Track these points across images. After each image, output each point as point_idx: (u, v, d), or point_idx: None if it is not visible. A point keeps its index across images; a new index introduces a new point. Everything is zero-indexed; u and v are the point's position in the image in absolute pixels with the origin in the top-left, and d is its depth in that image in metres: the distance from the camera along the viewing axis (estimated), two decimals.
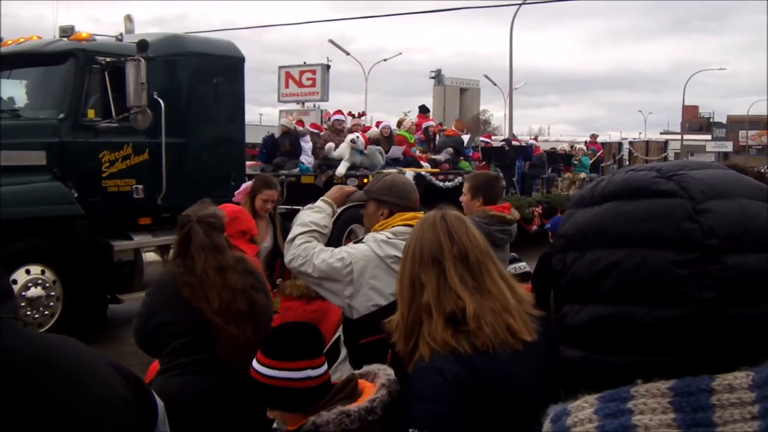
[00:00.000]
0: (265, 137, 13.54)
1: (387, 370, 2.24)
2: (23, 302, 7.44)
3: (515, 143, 19.41)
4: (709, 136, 77.67)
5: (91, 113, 8.48)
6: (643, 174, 0.92)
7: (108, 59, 8.48)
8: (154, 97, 8.63)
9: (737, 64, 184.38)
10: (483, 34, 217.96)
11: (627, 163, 25.96)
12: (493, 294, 2.14)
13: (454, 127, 16.73)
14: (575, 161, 20.36)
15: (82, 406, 1.21)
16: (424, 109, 16.80)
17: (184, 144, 9.27)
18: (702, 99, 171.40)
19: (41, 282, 7.76)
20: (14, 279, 7.39)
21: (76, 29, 8.90)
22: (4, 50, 8.77)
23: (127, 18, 10.30)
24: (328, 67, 17.93)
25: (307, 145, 12.99)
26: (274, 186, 5.89)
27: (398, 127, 14.44)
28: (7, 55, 8.59)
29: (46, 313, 7.81)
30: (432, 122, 16.18)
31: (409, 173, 10.62)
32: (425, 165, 13.39)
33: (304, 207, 3.46)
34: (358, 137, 11.95)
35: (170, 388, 2.97)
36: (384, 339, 2.37)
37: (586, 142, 24.41)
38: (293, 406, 2.27)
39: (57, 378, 1.20)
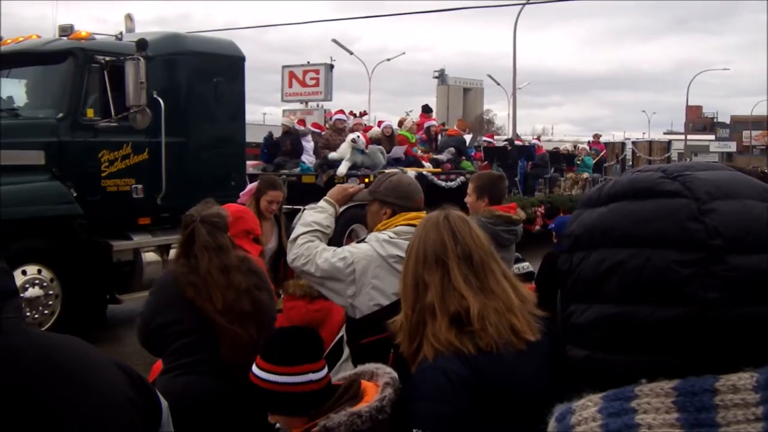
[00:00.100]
0: (265, 137, 13.55)
1: (385, 369, 2.22)
2: (22, 303, 7.39)
3: (518, 143, 19.39)
4: (712, 136, 77.58)
5: (90, 112, 8.45)
6: (649, 174, 0.92)
7: (107, 58, 8.44)
8: (154, 96, 8.59)
9: (741, 64, 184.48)
10: (486, 33, 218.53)
11: (630, 163, 25.93)
12: (497, 294, 2.14)
13: (456, 127, 16.71)
14: (578, 161, 20.31)
15: (86, 405, 1.21)
16: (427, 109, 16.76)
17: (184, 143, 9.24)
18: (706, 99, 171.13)
19: (39, 282, 7.72)
20: None
21: (76, 28, 8.87)
22: (3, 49, 8.73)
23: (128, 17, 10.28)
24: (332, 66, 17.98)
25: (309, 144, 12.99)
26: (279, 187, 5.93)
27: (399, 127, 14.42)
28: (7, 55, 8.55)
29: (45, 312, 7.79)
30: (434, 122, 16.15)
31: (411, 173, 10.57)
32: (427, 165, 13.37)
33: (305, 207, 3.46)
34: (359, 137, 11.93)
35: (174, 387, 2.96)
36: (386, 338, 2.37)
37: (589, 142, 24.32)
38: (296, 411, 2.25)
39: (61, 377, 1.20)
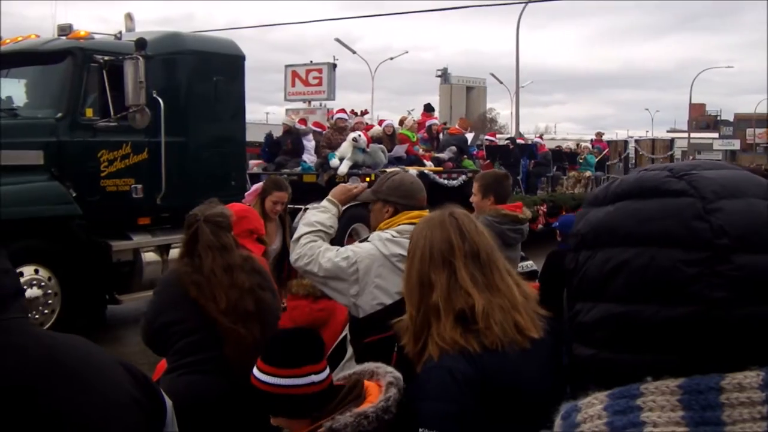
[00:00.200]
0: (266, 136, 13.55)
1: (386, 368, 2.21)
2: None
3: (520, 141, 19.34)
4: (716, 134, 77.39)
5: (90, 112, 8.42)
6: (656, 173, 0.92)
7: (106, 58, 8.41)
8: (153, 95, 8.56)
9: (745, 62, 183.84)
10: (490, 32, 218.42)
11: (633, 161, 25.82)
12: (502, 291, 2.14)
13: (457, 126, 16.67)
14: (580, 159, 20.27)
15: (89, 405, 1.21)
16: (429, 108, 16.73)
17: (184, 143, 9.21)
18: (709, 97, 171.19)
19: (36, 282, 7.69)
20: None
21: (75, 28, 8.84)
22: (2, 49, 8.70)
23: (128, 16, 10.26)
24: (335, 65, 17.96)
25: (310, 143, 12.96)
26: (284, 188, 5.93)
27: (400, 126, 14.38)
28: (5, 54, 8.53)
29: (45, 312, 7.76)
30: (435, 120, 16.12)
31: (413, 172, 10.55)
32: (428, 164, 13.33)
33: (308, 206, 3.44)
34: (360, 136, 11.91)
35: (177, 387, 2.96)
36: (389, 337, 2.39)
37: (591, 140, 24.28)
38: (298, 413, 2.24)
39: (65, 377, 1.20)
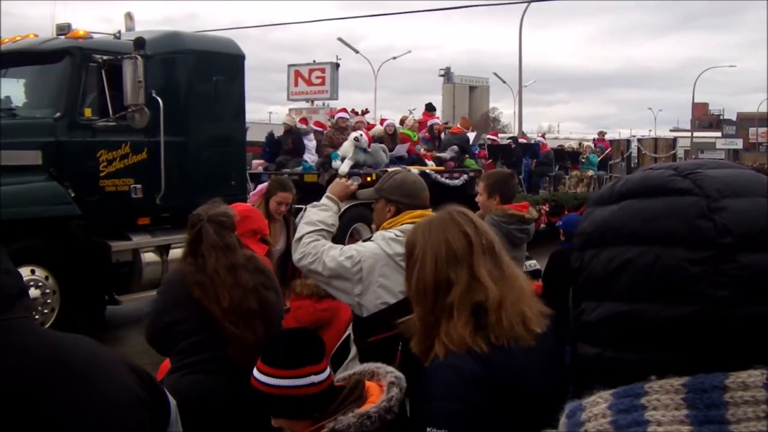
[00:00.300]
0: (267, 135, 13.53)
1: (387, 368, 2.21)
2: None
3: (522, 141, 19.28)
4: (719, 134, 77.34)
5: (88, 112, 8.38)
6: (661, 172, 0.92)
7: (105, 57, 8.36)
8: (153, 95, 8.52)
9: (747, 61, 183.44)
10: (492, 31, 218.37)
11: (636, 160, 25.72)
12: (512, 281, 2.17)
13: (459, 125, 16.62)
14: (583, 159, 20.19)
15: (92, 405, 1.21)
16: (430, 107, 16.69)
17: (183, 143, 9.17)
18: (712, 96, 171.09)
19: (33, 282, 7.62)
20: None
21: (74, 27, 8.81)
22: (0, 49, 8.66)
23: (128, 16, 10.23)
24: (338, 65, 17.97)
25: (311, 143, 12.92)
26: (289, 189, 5.93)
27: (401, 125, 14.34)
28: (4, 54, 8.49)
29: (45, 311, 7.72)
30: (437, 120, 16.06)
31: (414, 171, 10.51)
32: (430, 163, 13.28)
33: (308, 205, 3.48)
34: (361, 135, 11.86)
35: (181, 386, 2.96)
36: (393, 336, 2.40)
37: (594, 139, 24.18)
38: (299, 413, 2.23)
39: (68, 377, 1.20)
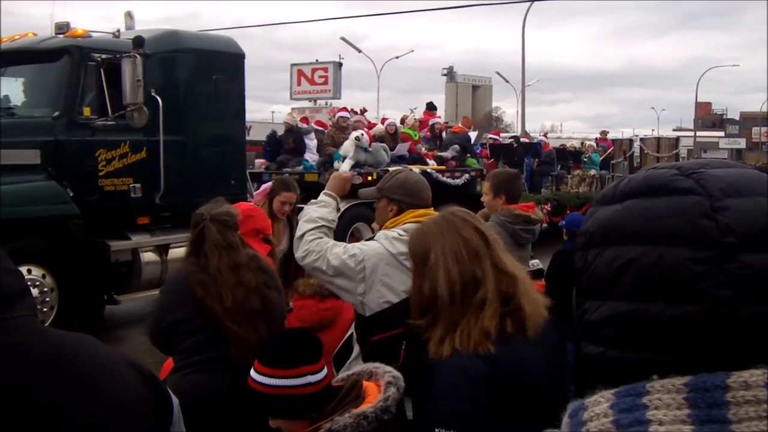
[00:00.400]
0: (268, 135, 13.50)
1: (385, 368, 2.20)
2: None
3: (524, 140, 19.22)
4: (722, 133, 77.29)
5: (87, 111, 8.35)
6: (664, 172, 0.92)
7: (104, 56, 8.33)
8: (152, 94, 8.49)
9: (750, 61, 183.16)
10: (495, 31, 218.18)
11: (638, 160, 25.64)
12: (517, 272, 2.20)
13: (461, 124, 16.58)
14: (585, 158, 20.13)
15: (94, 404, 1.20)
16: (431, 106, 16.65)
17: (183, 142, 9.14)
18: (715, 95, 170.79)
19: (30, 282, 7.54)
20: None
21: (72, 26, 8.78)
22: None
23: (128, 15, 10.21)
24: (341, 64, 17.96)
25: (312, 142, 12.90)
26: (293, 189, 5.95)
27: (402, 124, 14.31)
28: (2, 53, 8.45)
29: (44, 310, 7.70)
30: (438, 119, 16.02)
31: (415, 170, 10.47)
32: (431, 162, 13.25)
33: (308, 203, 3.47)
34: (362, 135, 11.83)
35: (183, 386, 2.95)
36: (396, 336, 2.40)
37: (596, 138, 24.12)
38: (296, 414, 2.23)
39: (70, 376, 1.20)
